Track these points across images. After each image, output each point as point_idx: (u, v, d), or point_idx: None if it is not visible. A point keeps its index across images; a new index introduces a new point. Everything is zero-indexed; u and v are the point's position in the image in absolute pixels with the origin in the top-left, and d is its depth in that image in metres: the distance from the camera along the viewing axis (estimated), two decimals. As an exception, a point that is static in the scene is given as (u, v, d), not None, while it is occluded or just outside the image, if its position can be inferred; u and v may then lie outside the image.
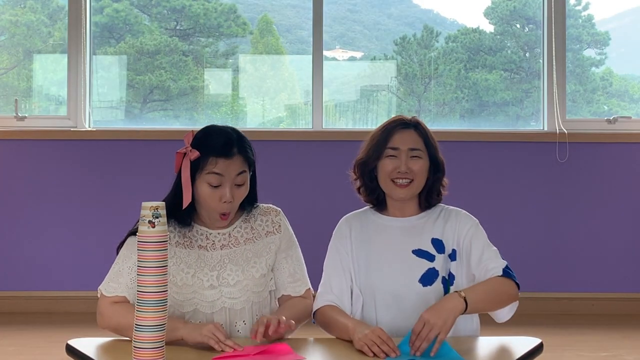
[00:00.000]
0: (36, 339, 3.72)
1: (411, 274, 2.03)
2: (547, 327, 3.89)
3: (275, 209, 2.16)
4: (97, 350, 1.85)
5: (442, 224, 2.10)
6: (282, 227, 2.13)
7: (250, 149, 2.05)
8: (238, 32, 4.82)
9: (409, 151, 2.05)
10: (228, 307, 2.03)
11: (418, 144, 2.06)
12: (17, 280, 4.33)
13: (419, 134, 2.08)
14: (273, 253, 2.10)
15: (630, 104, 4.87)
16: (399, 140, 2.06)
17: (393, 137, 2.06)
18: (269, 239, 2.10)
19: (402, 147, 2.05)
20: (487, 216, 4.64)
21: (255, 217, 2.12)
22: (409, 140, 2.06)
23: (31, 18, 4.69)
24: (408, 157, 2.04)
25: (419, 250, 2.06)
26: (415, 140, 2.07)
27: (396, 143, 2.05)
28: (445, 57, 4.81)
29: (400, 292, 2.03)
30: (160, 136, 4.36)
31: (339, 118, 4.85)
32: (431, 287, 2.02)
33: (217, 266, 2.03)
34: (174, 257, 2.02)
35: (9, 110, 4.52)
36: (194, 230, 2.07)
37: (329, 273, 2.12)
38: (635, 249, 4.38)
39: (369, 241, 2.11)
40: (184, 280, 2.01)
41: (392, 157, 2.05)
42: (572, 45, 4.73)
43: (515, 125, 4.70)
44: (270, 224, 2.12)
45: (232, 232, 2.08)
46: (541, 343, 1.91)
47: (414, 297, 2.02)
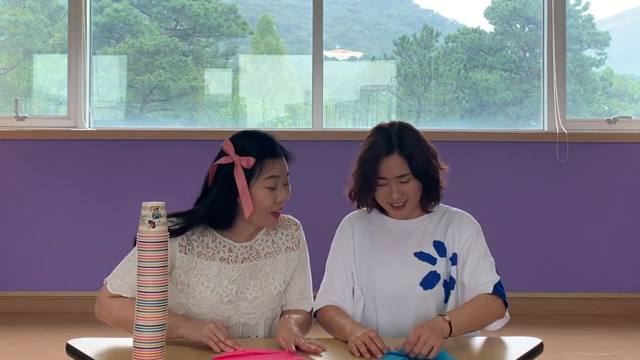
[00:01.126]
0: (36, 339, 3.72)
1: (412, 276, 2.03)
2: (547, 327, 3.89)
3: (295, 221, 2.15)
4: (97, 350, 1.85)
5: (444, 227, 2.09)
6: (300, 243, 2.12)
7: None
8: (238, 32, 4.82)
9: (397, 178, 2.02)
10: (243, 321, 2.02)
11: (403, 169, 2.02)
12: (17, 280, 4.33)
13: (404, 157, 2.02)
14: (291, 270, 2.09)
15: (630, 104, 4.87)
16: (384, 170, 2.02)
17: (379, 167, 2.02)
18: (288, 256, 2.09)
19: (389, 177, 2.02)
20: (487, 216, 4.64)
21: (276, 229, 2.10)
22: (394, 168, 2.01)
23: (31, 18, 4.69)
24: (397, 183, 2.02)
25: (421, 252, 2.06)
26: (400, 166, 2.02)
27: (383, 173, 2.02)
28: (445, 57, 4.81)
29: (401, 295, 2.03)
30: (160, 136, 4.36)
31: (339, 118, 4.85)
32: (432, 290, 2.03)
33: (238, 279, 2.01)
34: (195, 268, 2.00)
35: (9, 110, 4.52)
36: (217, 241, 2.04)
37: (331, 273, 2.12)
38: (635, 249, 4.38)
39: (372, 242, 2.11)
40: (203, 294, 1.99)
41: (383, 185, 2.04)
42: (572, 45, 4.73)
43: (515, 125, 4.70)
44: (290, 240, 2.11)
45: (254, 245, 2.06)
46: (541, 343, 1.91)
47: (415, 300, 2.02)
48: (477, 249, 2.05)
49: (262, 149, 1.98)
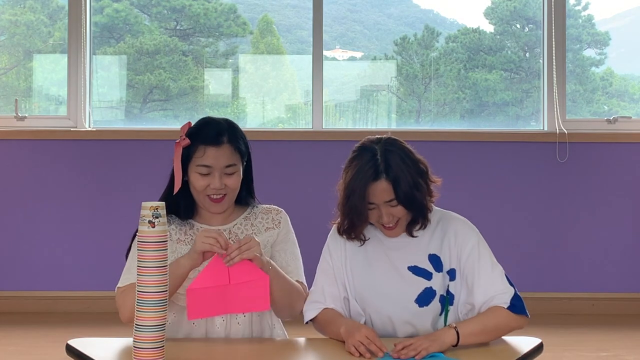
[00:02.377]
0: (36, 339, 3.72)
1: (407, 293, 1.99)
2: (547, 327, 3.89)
3: (277, 208, 2.17)
4: (97, 350, 1.85)
5: (440, 239, 2.04)
6: (281, 223, 2.14)
7: (242, 139, 2.07)
8: (238, 32, 4.82)
9: (385, 203, 1.96)
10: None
11: (390, 195, 1.95)
12: (17, 280, 4.33)
13: (390, 181, 1.94)
14: (269, 247, 2.10)
15: (630, 104, 4.87)
16: (372, 196, 1.95)
17: (367, 192, 1.95)
18: (267, 234, 2.11)
19: (377, 202, 1.96)
20: (487, 216, 4.63)
21: (256, 215, 2.14)
22: (381, 193, 1.94)
23: (31, 18, 4.69)
24: (387, 207, 1.96)
25: (415, 267, 2.01)
26: (387, 191, 1.94)
27: (372, 199, 1.96)
28: (445, 57, 4.81)
29: (396, 312, 1.99)
30: (160, 136, 4.36)
31: (339, 118, 4.85)
32: (428, 307, 1.98)
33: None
34: (174, 252, 2.03)
35: (9, 110, 4.52)
36: (195, 227, 2.09)
37: (322, 280, 2.07)
38: (635, 249, 4.38)
39: (365, 254, 2.06)
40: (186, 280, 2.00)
41: (373, 209, 1.98)
42: (572, 45, 4.73)
43: (515, 125, 4.70)
44: (270, 221, 2.13)
45: (232, 229, 2.10)
46: (541, 343, 1.91)
47: (410, 317, 1.99)
48: (482, 264, 1.98)
49: (199, 134, 2.04)
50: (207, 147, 2.01)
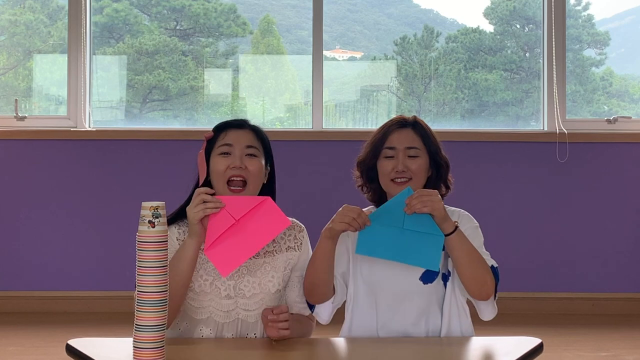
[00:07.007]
0: (36, 339, 3.72)
1: (412, 271, 2.02)
2: (547, 327, 3.89)
3: (299, 224, 2.15)
4: (97, 350, 1.85)
5: None
6: (303, 245, 2.12)
7: (266, 138, 2.13)
8: (238, 32, 4.82)
9: (406, 150, 2.03)
10: (242, 318, 2.02)
11: (415, 143, 2.04)
12: (17, 280, 4.33)
13: (417, 133, 2.07)
14: (289, 269, 2.08)
15: (630, 104, 4.87)
16: (395, 140, 2.05)
17: (390, 136, 2.06)
18: (288, 255, 2.08)
19: (398, 147, 2.04)
20: (487, 216, 4.63)
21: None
22: (405, 139, 2.04)
23: (31, 18, 4.69)
24: (405, 156, 2.03)
25: None
26: (412, 138, 2.05)
27: (393, 142, 2.04)
28: (445, 57, 4.81)
29: (402, 290, 2.03)
30: (160, 136, 4.36)
31: (339, 118, 4.85)
32: (432, 284, 2.02)
33: (235, 275, 2.01)
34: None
35: (9, 110, 4.52)
36: None
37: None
38: (635, 249, 4.38)
39: None
40: (202, 287, 1.99)
41: (389, 158, 2.04)
42: (572, 45, 4.73)
43: (515, 125, 4.70)
44: (292, 240, 2.11)
45: None
46: (541, 343, 1.91)
47: (415, 294, 2.02)
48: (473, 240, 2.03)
49: (220, 125, 2.11)
50: (229, 130, 2.07)
